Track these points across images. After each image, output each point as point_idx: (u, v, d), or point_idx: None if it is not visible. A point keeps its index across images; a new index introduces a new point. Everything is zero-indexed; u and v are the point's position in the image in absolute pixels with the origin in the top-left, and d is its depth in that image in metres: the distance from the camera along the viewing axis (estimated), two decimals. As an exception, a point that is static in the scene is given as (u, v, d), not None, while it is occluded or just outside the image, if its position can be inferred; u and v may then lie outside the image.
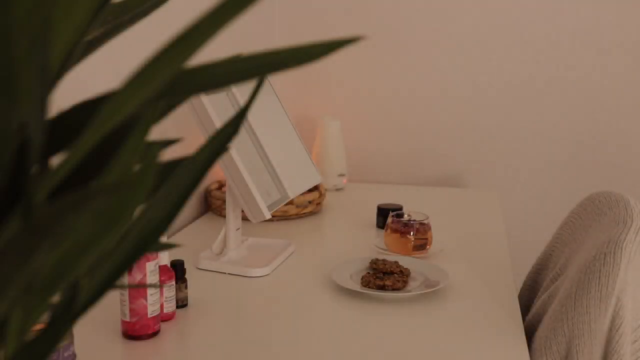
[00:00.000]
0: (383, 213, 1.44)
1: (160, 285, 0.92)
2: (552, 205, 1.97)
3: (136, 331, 0.87)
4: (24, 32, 0.24)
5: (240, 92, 1.16)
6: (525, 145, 1.96)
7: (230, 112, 1.14)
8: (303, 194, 1.52)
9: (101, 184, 0.28)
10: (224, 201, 1.50)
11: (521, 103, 1.94)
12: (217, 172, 1.70)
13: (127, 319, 0.87)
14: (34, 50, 0.24)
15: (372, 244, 1.32)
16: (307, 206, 1.56)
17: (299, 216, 1.55)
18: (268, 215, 1.10)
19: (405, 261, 1.16)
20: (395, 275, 1.08)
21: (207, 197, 1.60)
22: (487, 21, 1.92)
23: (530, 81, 1.92)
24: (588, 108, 1.90)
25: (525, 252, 1.99)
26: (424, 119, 2.02)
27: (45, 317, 0.29)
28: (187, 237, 1.38)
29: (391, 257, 1.18)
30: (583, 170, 1.93)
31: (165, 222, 0.31)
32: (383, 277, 1.07)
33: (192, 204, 1.55)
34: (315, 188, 1.62)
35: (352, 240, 1.38)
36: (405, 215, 1.29)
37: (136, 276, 0.87)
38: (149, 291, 0.87)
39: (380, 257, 1.16)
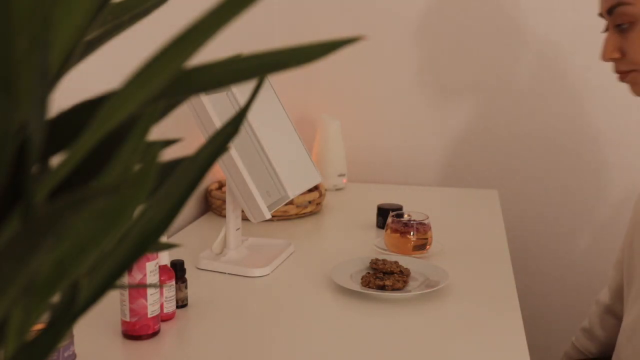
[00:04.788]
0: (383, 213, 1.44)
1: (160, 285, 0.92)
2: (552, 205, 1.97)
3: (136, 331, 0.87)
4: (24, 32, 0.24)
5: (240, 92, 1.16)
6: (525, 145, 1.96)
7: (230, 112, 1.14)
8: (303, 194, 1.52)
9: (101, 184, 0.28)
10: (224, 201, 1.50)
11: (521, 103, 1.94)
12: (217, 172, 1.70)
13: (127, 319, 0.87)
14: (34, 50, 0.24)
15: (372, 244, 1.32)
16: (307, 206, 1.56)
17: (299, 216, 1.55)
18: (268, 215, 1.10)
19: (405, 261, 1.16)
20: (395, 275, 1.08)
21: (207, 197, 1.60)
22: (488, 21, 1.92)
23: (531, 81, 1.92)
24: (589, 108, 1.90)
25: (525, 252, 1.99)
26: (424, 119, 2.01)
27: (45, 317, 0.29)
28: (187, 237, 1.38)
29: (391, 257, 1.18)
30: (583, 170, 1.93)
31: (165, 222, 0.31)
32: (383, 277, 1.07)
33: (192, 204, 1.55)
34: (315, 188, 1.62)
35: (352, 240, 1.38)
36: (405, 215, 1.29)
37: (136, 276, 0.87)
38: (149, 291, 0.87)
39: (380, 257, 1.16)
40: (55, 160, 0.29)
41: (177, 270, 0.98)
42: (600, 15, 1.00)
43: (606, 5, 0.97)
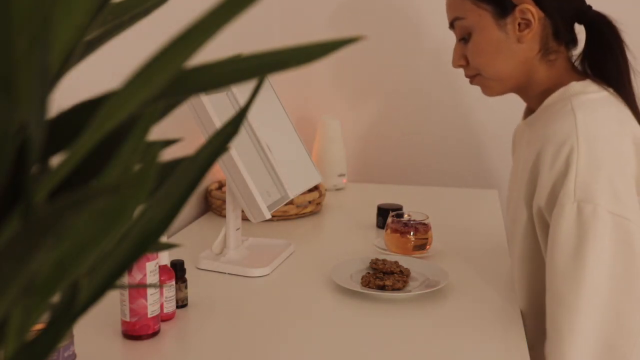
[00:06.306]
0: (383, 213, 1.44)
1: (160, 285, 0.92)
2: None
3: (136, 331, 0.87)
4: (24, 32, 0.24)
5: (240, 92, 1.16)
6: (525, 145, 1.96)
7: (230, 112, 1.14)
8: (303, 194, 1.52)
9: (101, 184, 0.28)
10: (224, 201, 1.50)
11: (521, 102, 1.94)
12: (217, 172, 1.70)
13: (127, 319, 0.87)
14: (34, 50, 0.24)
15: (372, 244, 1.32)
16: (307, 206, 1.56)
17: (299, 216, 1.55)
18: (268, 215, 1.10)
19: (405, 261, 1.16)
20: (395, 275, 1.08)
21: (207, 197, 1.60)
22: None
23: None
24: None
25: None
26: (424, 119, 2.01)
27: (45, 317, 0.29)
28: (187, 237, 1.38)
29: (391, 257, 1.18)
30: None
31: (165, 222, 0.31)
32: (383, 277, 1.07)
33: (192, 204, 1.55)
34: (315, 188, 1.62)
35: (352, 240, 1.38)
36: (405, 215, 1.29)
37: (136, 276, 0.87)
38: (149, 291, 0.87)
39: (380, 257, 1.16)
40: (55, 160, 0.29)
41: (177, 270, 0.98)
42: (450, 28, 1.12)
43: (448, 20, 1.10)
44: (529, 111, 1.11)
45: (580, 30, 1.05)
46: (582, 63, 1.05)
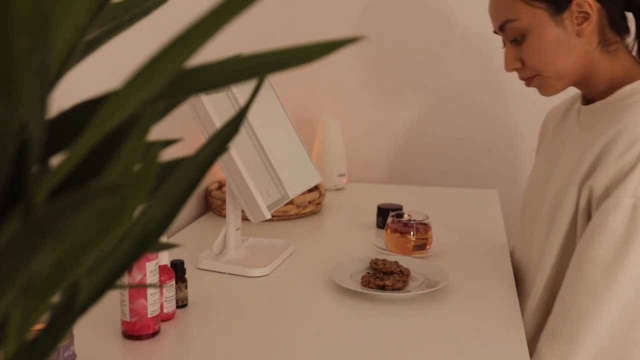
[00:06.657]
0: (383, 213, 1.44)
1: (160, 285, 0.92)
2: (552, 205, 1.96)
3: (136, 331, 0.87)
4: (24, 32, 0.24)
5: (240, 92, 1.16)
6: (526, 145, 1.96)
7: (230, 112, 1.14)
8: (303, 194, 1.52)
9: (101, 184, 0.28)
10: (224, 201, 1.50)
11: (521, 102, 1.94)
12: (217, 172, 1.70)
13: (127, 319, 0.87)
14: (34, 50, 0.24)
15: (372, 244, 1.32)
16: (307, 206, 1.56)
17: (299, 216, 1.55)
18: (268, 215, 1.10)
19: (405, 261, 1.16)
20: (395, 275, 1.08)
21: (207, 197, 1.60)
22: (486, 21, 1.91)
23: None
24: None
25: (525, 252, 1.99)
26: (424, 119, 2.01)
27: (45, 317, 0.29)
28: (187, 237, 1.38)
29: (391, 257, 1.18)
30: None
31: (165, 222, 0.31)
32: (383, 277, 1.07)
33: (192, 204, 1.55)
34: (315, 188, 1.62)
35: (352, 240, 1.38)
36: (405, 215, 1.29)
37: (136, 276, 0.87)
38: (149, 291, 0.87)
39: (380, 257, 1.16)
40: (55, 160, 0.29)
41: (177, 270, 0.98)
42: (495, 32, 1.10)
43: (497, 23, 1.07)
44: (585, 99, 1.10)
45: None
46: (638, 53, 1.03)
